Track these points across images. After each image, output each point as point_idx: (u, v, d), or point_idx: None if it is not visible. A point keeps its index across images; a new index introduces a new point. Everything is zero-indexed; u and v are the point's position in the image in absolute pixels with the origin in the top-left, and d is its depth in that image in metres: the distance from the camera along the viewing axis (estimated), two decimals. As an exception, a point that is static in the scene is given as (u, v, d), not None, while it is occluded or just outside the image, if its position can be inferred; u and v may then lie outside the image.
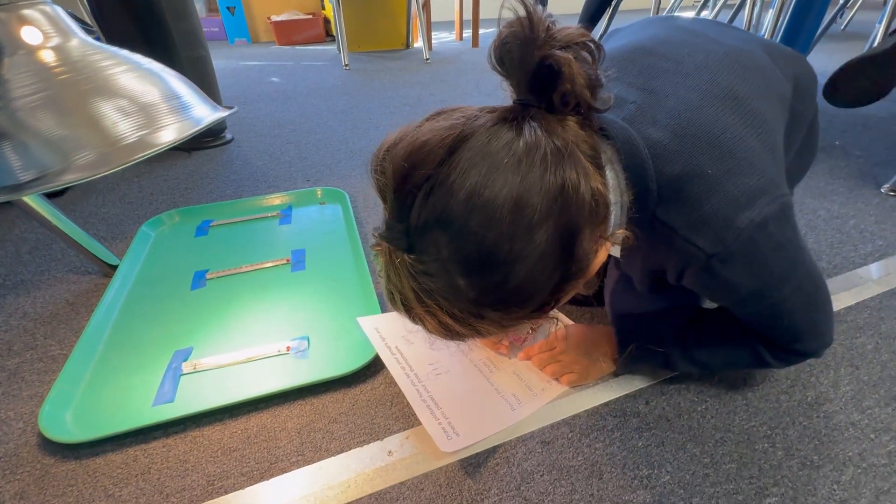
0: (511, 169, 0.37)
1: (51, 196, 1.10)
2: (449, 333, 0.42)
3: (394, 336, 0.68)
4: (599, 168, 0.41)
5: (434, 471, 0.53)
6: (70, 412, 0.59)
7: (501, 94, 0.42)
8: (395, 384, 0.63)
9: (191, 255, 0.91)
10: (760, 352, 0.53)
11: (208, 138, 1.46)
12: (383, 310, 0.74)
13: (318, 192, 1.11)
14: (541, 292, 0.40)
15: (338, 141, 1.48)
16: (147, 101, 0.65)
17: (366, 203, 1.09)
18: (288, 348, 0.68)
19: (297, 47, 3.06)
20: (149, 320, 0.75)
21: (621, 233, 0.44)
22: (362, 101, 1.90)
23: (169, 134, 0.64)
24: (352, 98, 1.94)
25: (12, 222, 1.04)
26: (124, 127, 0.60)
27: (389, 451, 0.55)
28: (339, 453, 0.55)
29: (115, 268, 0.85)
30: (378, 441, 0.56)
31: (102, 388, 0.63)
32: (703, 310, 0.61)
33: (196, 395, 0.61)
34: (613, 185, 0.42)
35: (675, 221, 0.45)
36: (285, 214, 1.04)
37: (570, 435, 0.56)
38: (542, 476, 0.52)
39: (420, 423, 0.57)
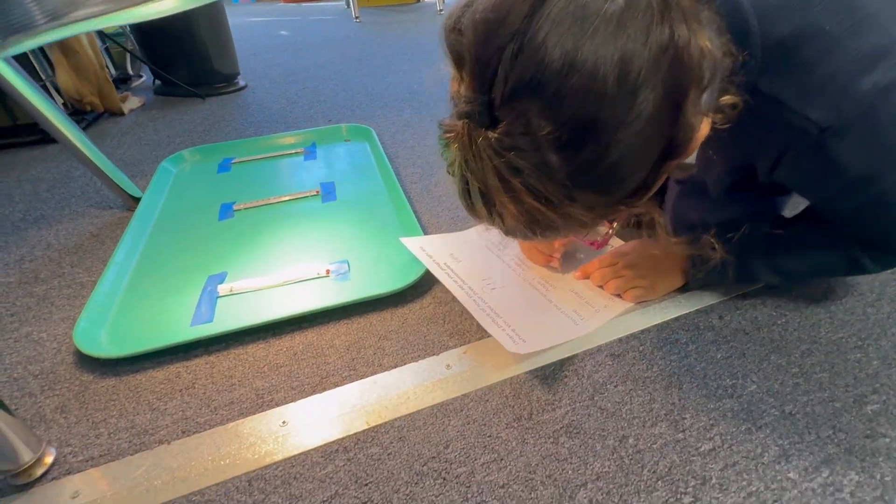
0: (613, 21, 0.31)
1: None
2: (534, 224, 0.37)
3: (441, 254, 0.63)
4: (702, 27, 0.35)
5: (498, 383, 0.49)
6: (105, 330, 0.56)
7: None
8: (446, 303, 0.59)
9: (215, 190, 0.86)
10: (857, 255, 0.48)
11: (221, 84, 1.40)
12: (425, 233, 0.70)
13: (343, 130, 1.05)
14: (640, 169, 0.35)
15: (356, 86, 1.41)
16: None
17: (393, 140, 1.03)
18: (328, 271, 0.64)
19: (304, 4, 2.94)
20: (178, 248, 0.71)
21: (730, 98, 0.38)
22: (377, 50, 1.81)
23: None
24: (366, 48, 1.86)
25: (27, 164, 1.00)
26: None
27: (448, 365, 0.51)
28: (392, 368, 0.51)
29: (137, 201, 0.81)
30: (434, 356, 0.52)
31: (136, 309, 0.59)
32: (783, 217, 0.55)
33: (235, 316, 0.58)
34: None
35: (782, 92, 0.39)
36: (310, 151, 0.98)
37: (640, 348, 0.52)
38: (615, 387, 0.48)
39: (477, 339, 0.53)
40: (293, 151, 0.98)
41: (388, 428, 0.45)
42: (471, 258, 0.64)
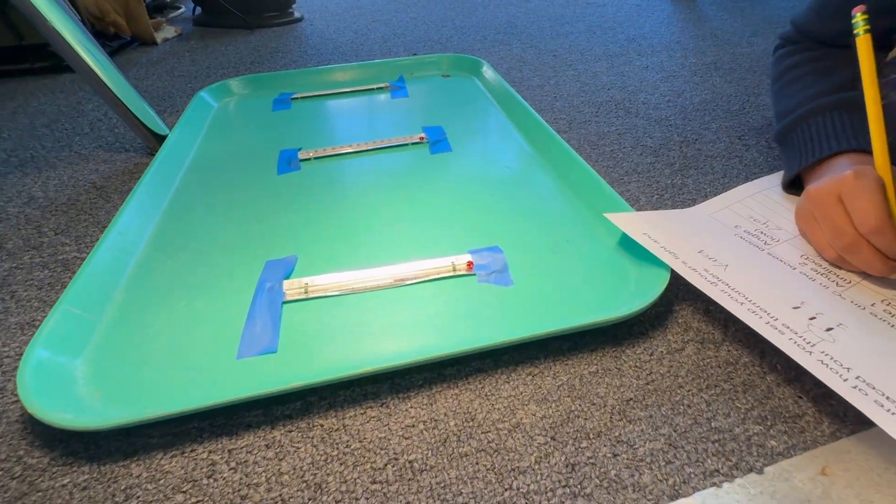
0: None
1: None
2: None
3: (687, 249, 0.34)
4: None
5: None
6: (81, 364, 0.30)
7: None
8: (715, 343, 0.30)
9: (271, 131, 0.59)
10: None
11: (272, 13, 1.12)
12: (633, 206, 0.41)
13: (443, 62, 0.76)
14: None
15: (439, 19, 1.11)
16: None
17: (510, 78, 0.74)
18: (469, 265, 0.36)
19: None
20: (215, 213, 0.44)
21: None
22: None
23: None
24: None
25: (31, 93, 0.76)
26: None
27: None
28: (668, 500, 0.23)
29: (163, 139, 0.55)
30: (753, 476, 0.24)
31: (141, 324, 0.34)
32: None
33: (317, 344, 0.31)
34: None
35: None
36: (398, 87, 0.70)
37: None
38: None
39: (830, 438, 0.25)
40: (374, 87, 0.70)
41: None
42: (736, 258, 0.34)
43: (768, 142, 0.53)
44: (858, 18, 0.32)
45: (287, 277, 0.36)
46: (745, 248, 0.37)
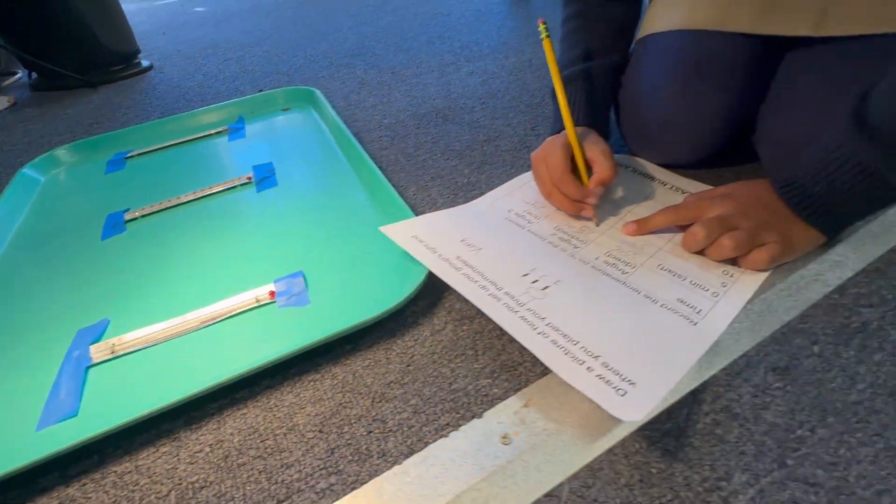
0: None
1: None
2: None
3: (448, 243, 0.40)
4: None
5: (602, 458, 0.27)
6: None
7: None
8: (472, 317, 0.36)
9: (100, 197, 0.60)
10: None
11: (117, 66, 1.09)
12: (417, 213, 0.47)
13: (279, 97, 0.79)
14: None
15: (292, 48, 1.13)
16: None
17: (347, 102, 0.78)
18: (272, 294, 0.40)
19: (223, -20, 2.57)
20: (32, 290, 0.45)
21: None
22: (312, 9, 1.52)
23: None
24: (300, 8, 1.56)
25: None
26: None
27: (504, 436, 0.29)
28: (405, 457, 0.28)
29: (-24, 227, 0.54)
30: (475, 420, 0.30)
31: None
32: None
33: (117, 398, 0.33)
34: None
35: None
36: (236, 129, 0.72)
37: (814, 348, 0.31)
38: (812, 432, 0.27)
39: (539, 375, 0.31)
40: (212, 132, 0.72)
41: None
42: (494, 241, 0.41)
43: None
44: (541, 28, 0.40)
45: (96, 342, 0.38)
46: (508, 229, 0.44)
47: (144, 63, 1.14)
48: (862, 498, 0.24)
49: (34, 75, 1.13)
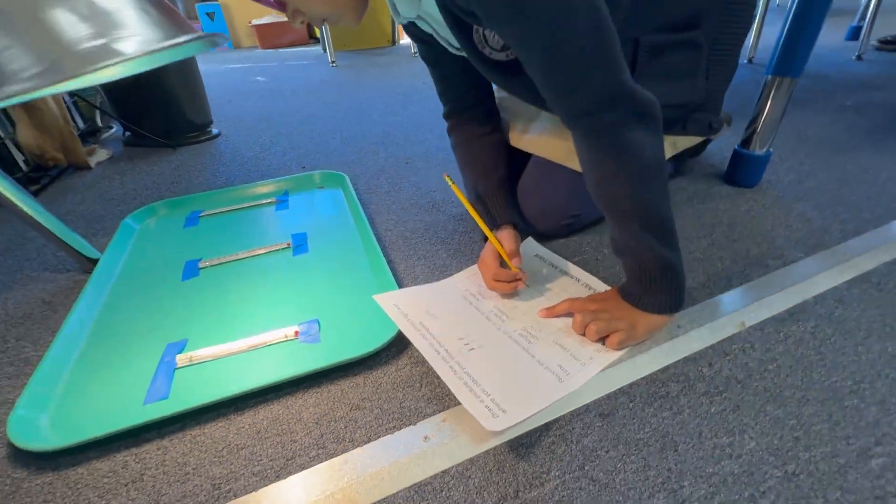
0: None
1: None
2: None
3: (416, 311, 0.60)
4: None
5: (480, 455, 0.45)
6: (46, 416, 0.51)
7: None
8: (423, 363, 0.55)
9: (180, 246, 0.82)
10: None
11: (193, 133, 1.38)
12: (400, 286, 0.67)
13: (316, 177, 1.03)
14: None
15: (331, 130, 1.41)
16: (106, 6, 0.54)
17: (368, 186, 1.02)
18: (296, 333, 0.60)
19: (281, 50, 2.99)
20: (135, 313, 0.66)
21: None
22: (352, 92, 1.83)
23: (130, 45, 0.52)
24: (342, 90, 1.87)
25: (-19, 226, 0.95)
26: (78, 32, 0.49)
27: (425, 437, 0.47)
28: (366, 443, 0.47)
29: (95, 262, 0.76)
30: (411, 426, 0.48)
31: (84, 388, 0.54)
32: None
33: (194, 390, 0.53)
34: None
35: None
36: (282, 201, 0.96)
37: (630, 405, 0.49)
38: (606, 452, 0.44)
39: (457, 404, 0.50)
40: (265, 202, 0.96)
41: (360, 518, 0.41)
42: (448, 313, 0.61)
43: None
44: (447, 180, 0.62)
45: (179, 353, 0.58)
46: (461, 304, 0.63)
47: (214, 131, 1.43)
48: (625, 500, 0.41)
49: (127, 133, 1.42)
